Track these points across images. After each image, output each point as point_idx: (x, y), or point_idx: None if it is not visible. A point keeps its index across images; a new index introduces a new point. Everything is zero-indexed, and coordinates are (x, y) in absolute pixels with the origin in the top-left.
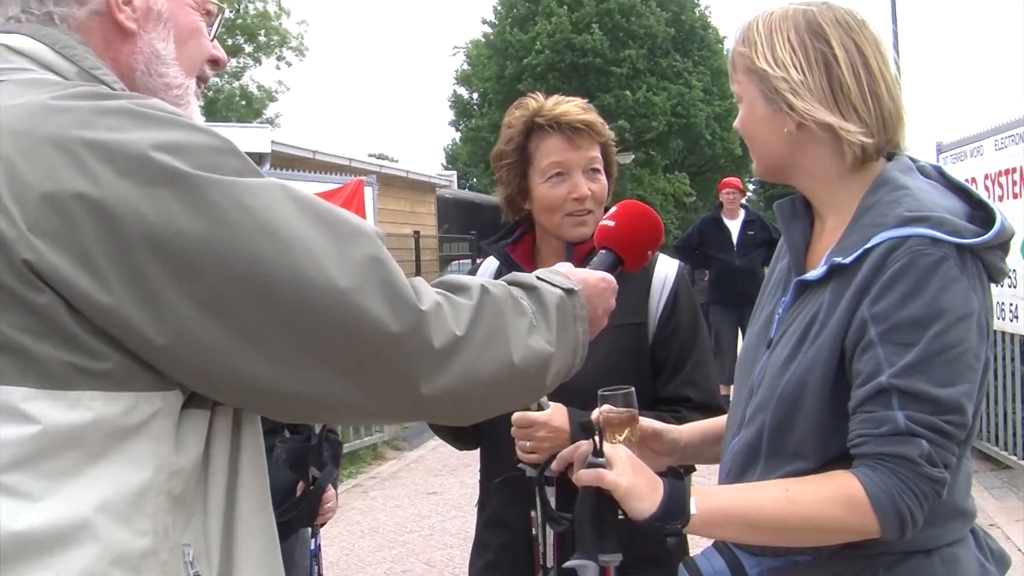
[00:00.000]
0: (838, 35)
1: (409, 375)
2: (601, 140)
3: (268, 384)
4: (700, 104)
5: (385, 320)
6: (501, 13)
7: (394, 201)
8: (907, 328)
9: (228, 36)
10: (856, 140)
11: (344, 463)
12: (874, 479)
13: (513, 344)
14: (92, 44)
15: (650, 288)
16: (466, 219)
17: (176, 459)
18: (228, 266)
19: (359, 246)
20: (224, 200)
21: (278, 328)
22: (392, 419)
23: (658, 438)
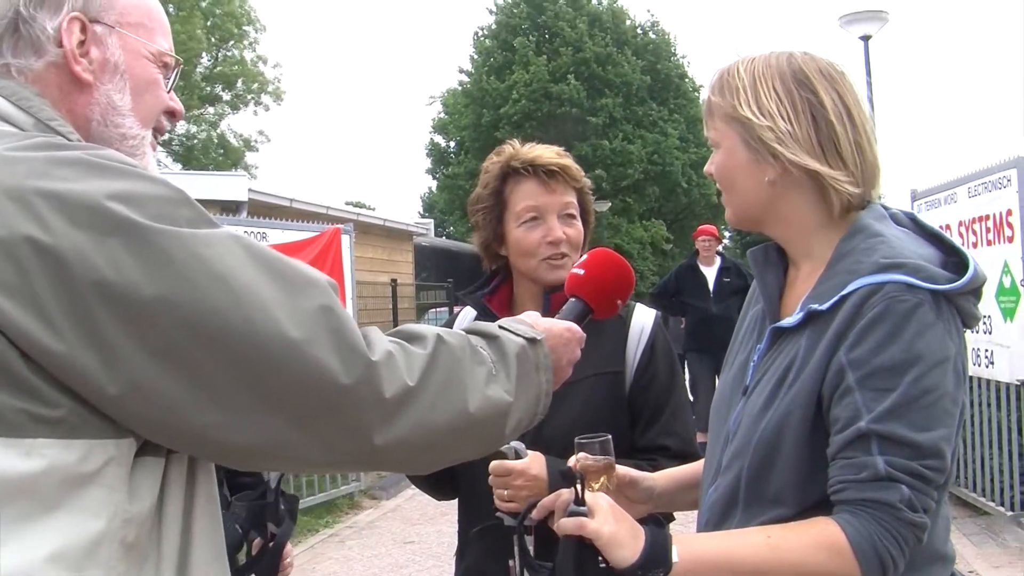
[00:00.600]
0: (824, 85)
1: (361, 426)
2: (577, 186)
3: (220, 434)
4: (676, 152)
5: (335, 371)
6: (478, 62)
7: (371, 249)
8: (885, 374)
9: (207, 84)
10: (844, 189)
11: (320, 512)
12: (855, 525)
13: (469, 393)
14: (48, 95)
15: (627, 337)
16: (443, 267)
17: (130, 507)
18: (180, 316)
19: (310, 296)
20: (177, 251)
21: (231, 378)
22: (346, 468)
23: (634, 486)
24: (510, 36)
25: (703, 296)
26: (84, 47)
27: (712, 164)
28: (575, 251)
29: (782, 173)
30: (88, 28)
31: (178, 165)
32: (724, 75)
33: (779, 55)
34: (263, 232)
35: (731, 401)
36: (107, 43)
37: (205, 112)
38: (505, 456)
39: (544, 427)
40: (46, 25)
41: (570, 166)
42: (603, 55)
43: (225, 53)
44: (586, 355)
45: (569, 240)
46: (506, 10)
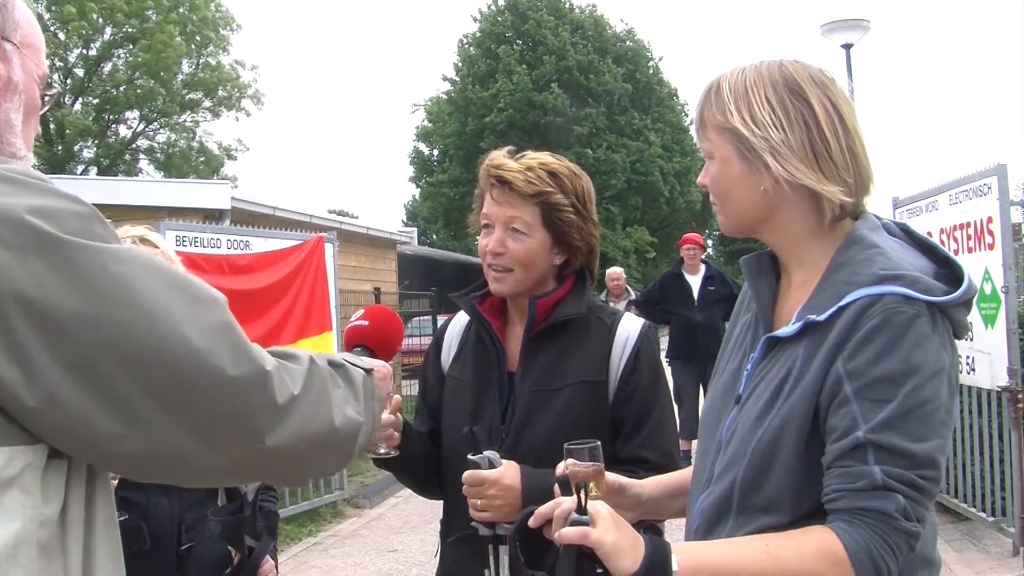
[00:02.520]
0: (816, 93)
1: (256, 429)
2: (537, 200)
3: (122, 445)
4: (659, 161)
5: (236, 377)
6: (462, 70)
7: (354, 257)
8: (883, 384)
9: (188, 91)
10: (836, 199)
11: (303, 521)
12: (852, 534)
13: (335, 409)
14: None
15: (612, 347)
16: (427, 275)
17: (44, 509)
18: (95, 331)
19: (213, 312)
20: (94, 267)
21: (138, 390)
22: (233, 477)
23: (622, 492)
24: (494, 44)
25: (687, 304)
26: None
27: (706, 175)
28: (520, 267)
29: (777, 183)
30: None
31: (159, 173)
32: (715, 85)
33: (770, 64)
34: (246, 240)
35: (723, 409)
36: (12, 61)
37: (185, 119)
38: (478, 466)
39: (523, 435)
40: None
41: (515, 180)
42: (585, 63)
43: (205, 59)
44: (569, 363)
45: (510, 254)
46: (490, 18)
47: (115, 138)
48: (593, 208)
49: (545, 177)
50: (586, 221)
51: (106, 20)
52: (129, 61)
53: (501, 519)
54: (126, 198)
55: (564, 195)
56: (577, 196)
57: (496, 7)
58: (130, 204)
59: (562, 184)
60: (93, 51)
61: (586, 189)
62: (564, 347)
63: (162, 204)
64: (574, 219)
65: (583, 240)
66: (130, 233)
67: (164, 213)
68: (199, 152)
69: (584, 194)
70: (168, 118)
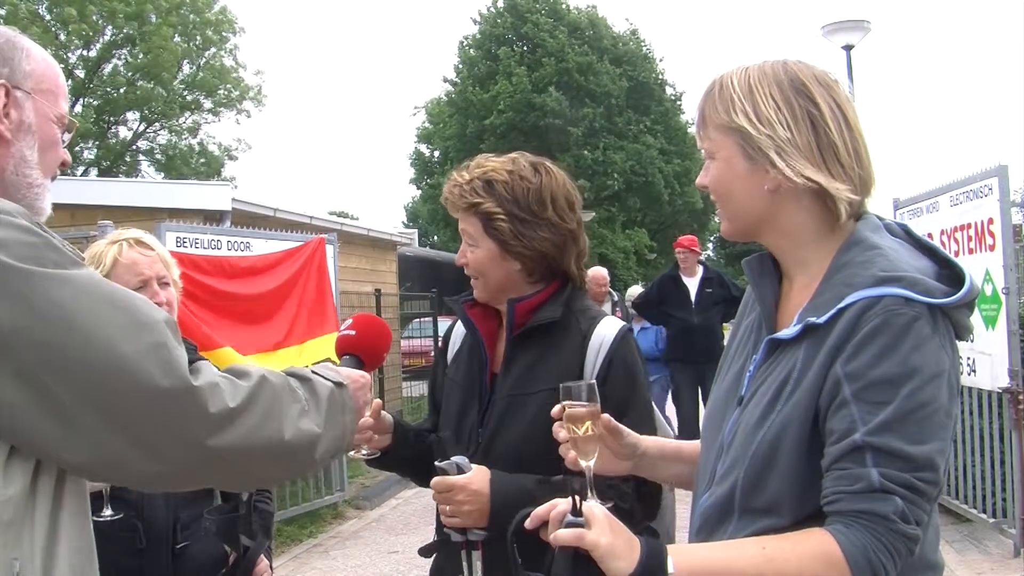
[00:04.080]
0: (821, 92)
1: (189, 434)
2: (474, 211)
3: (64, 449)
4: (658, 162)
5: (167, 389)
6: (463, 72)
7: (355, 259)
8: (881, 386)
9: (188, 91)
10: (845, 197)
11: (304, 522)
12: (849, 536)
13: (285, 423)
14: None
15: (586, 352)
16: (427, 277)
17: (4, 490)
18: (34, 346)
19: (151, 333)
20: (35, 289)
21: (76, 401)
22: (180, 479)
23: (618, 437)
24: (494, 46)
25: (685, 307)
26: (5, 109)
27: (706, 176)
28: (480, 275)
29: (781, 182)
30: (11, 93)
31: (160, 174)
32: (717, 85)
33: (773, 63)
34: (247, 242)
35: (726, 411)
36: (24, 107)
37: (185, 120)
38: (446, 472)
39: (496, 439)
40: None
41: (453, 193)
42: (584, 64)
43: (207, 61)
44: (544, 369)
45: (468, 262)
46: (490, 19)
47: (115, 139)
48: (552, 210)
49: (479, 188)
50: (530, 226)
51: (106, 21)
52: (129, 63)
53: (471, 524)
54: (126, 199)
55: (497, 203)
56: (517, 202)
57: (496, 9)
58: (130, 205)
59: (496, 192)
60: (93, 52)
61: (533, 192)
62: (542, 352)
63: (162, 205)
64: (507, 227)
65: (526, 246)
66: (124, 236)
67: (164, 214)
68: (200, 154)
69: (528, 199)
70: (168, 120)
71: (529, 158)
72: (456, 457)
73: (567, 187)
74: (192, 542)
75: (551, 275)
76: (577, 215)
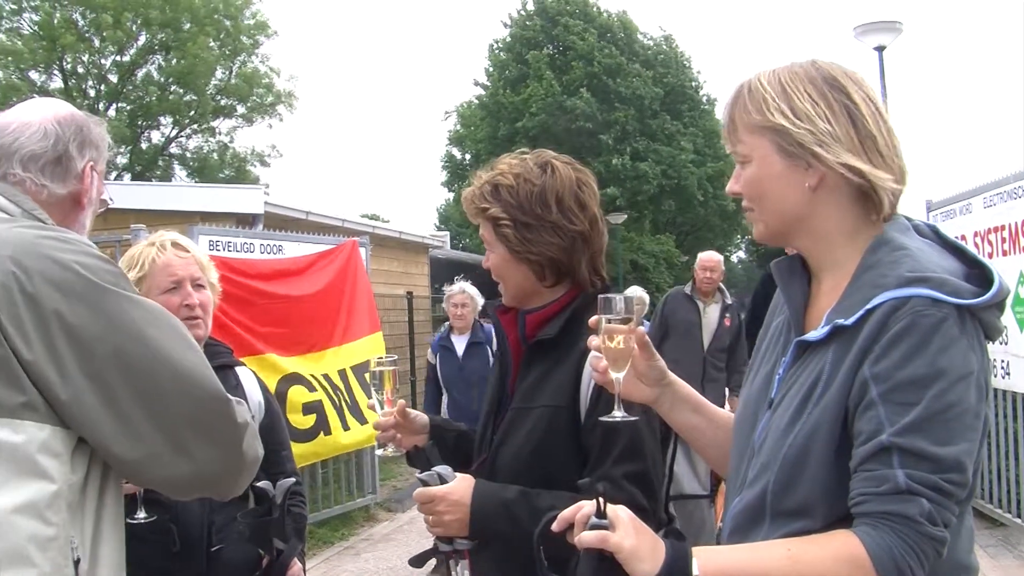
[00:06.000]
0: (853, 87)
1: (225, 437)
2: (482, 216)
3: (117, 441)
4: (691, 166)
5: (210, 396)
6: (493, 75)
7: (387, 262)
8: (908, 388)
9: (222, 96)
10: (890, 187)
11: (336, 524)
12: (875, 538)
13: (256, 443)
14: (57, 211)
15: (581, 371)
16: None
17: (71, 476)
18: (109, 353)
19: (197, 352)
20: (115, 306)
21: (135, 401)
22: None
23: (649, 357)
24: (524, 49)
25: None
26: (89, 184)
27: (737, 181)
28: (500, 280)
29: (823, 178)
30: (94, 171)
31: (192, 179)
32: (745, 87)
33: (801, 63)
34: (279, 245)
35: (756, 413)
36: (95, 183)
37: (218, 126)
38: (427, 483)
39: (500, 451)
40: (77, 165)
41: (465, 200)
42: (613, 67)
43: (240, 66)
44: (545, 385)
45: (490, 267)
46: (520, 23)
47: (148, 144)
48: (558, 211)
49: (487, 193)
50: (534, 230)
51: (141, 27)
52: (163, 68)
53: (454, 534)
54: (160, 203)
55: (503, 208)
56: (521, 207)
57: (526, 11)
58: (164, 209)
59: (502, 197)
60: (127, 57)
61: (536, 195)
62: (547, 367)
63: (195, 209)
64: (511, 232)
65: (532, 251)
66: (162, 238)
67: (197, 218)
68: (232, 158)
69: (532, 202)
70: (201, 124)
71: (540, 158)
72: (439, 467)
73: (575, 186)
74: (226, 545)
75: (569, 278)
76: (589, 214)
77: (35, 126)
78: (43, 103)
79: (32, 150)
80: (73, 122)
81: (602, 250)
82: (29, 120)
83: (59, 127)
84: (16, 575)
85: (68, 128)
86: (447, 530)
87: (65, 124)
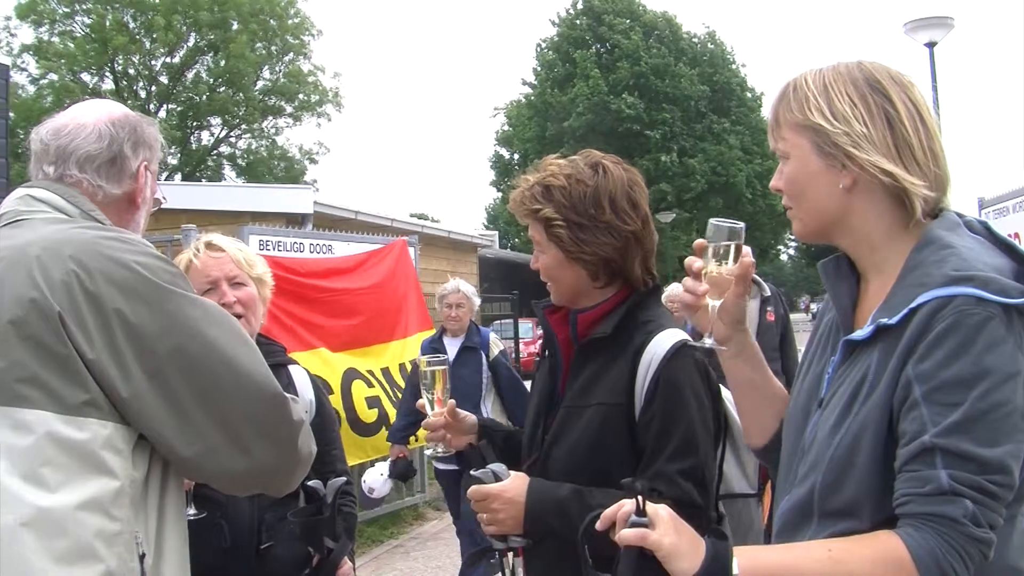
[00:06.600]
0: (897, 90)
1: (281, 433)
2: (533, 217)
3: (177, 438)
4: (739, 164)
5: (268, 393)
6: (541, 74)
7: (436, 261)
8: (952, 388)
9: (269, 96)
10: (921, 193)
11: (385, 523)
12: (918, 539)
13: (311, 440)
14: (113, 211)
15: (636, 369)
16: (508, 279)
17: (134, 472)
18: (170, 349)
19: (255, 351)
20: (174, 305)
21: (195, 397)
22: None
23: (740, 293)
24: (572, 48)
25: None
26: (143, 183)
27: (780, 177)
28: (550, 280)
29: (856, 179)
30: (148, 171)
31: (241, 179)
32: (791, 86)
33: (847, 63)
34: (329, 244)
35: (806, 412)
36: (149, 182)
37: (267, 125)
38: (482, 480)
39: (552, 450)
40: (131, 165)
41: (515, 200)
42: (660, 67)
43: (286, 66)
44: (598, 383)
45: (540, 268)
46: (568, 22)
47: (198, 144)
48: (611, 212)
49: (538, 194)
50: (588, 230)
51: (190, 29)
52: (211, 69)
53: (507, 531)
54: (211, 203)
55: (555, 209)
56: (575, 208)
57: (574, 10)
58: (214, 209)
59: (554, 198)
60: (177, 59)
61: (590, 196)
62: (601, 365)
63: (245, 209)
64: (565, 233)
65: (586, 252)
66: (200, 241)
67: (247, 218)
68: (280, 157)
69: (586, 202)
70: (249, 124)
71: (590, 158)
72: (493, 465)
73: (627, 186)
74: (276, 543)
75: (621, 277)
76: (641, 214)
77: (90, 127)
78: (97, 104)
79: (88, 151)
80: (127, 123)
81: (654, 249)
82: (84, 122)
83: (113, 128)
84: (84, 570)
85: (122, 129)
86: (501, 528)
87: (119, 125)
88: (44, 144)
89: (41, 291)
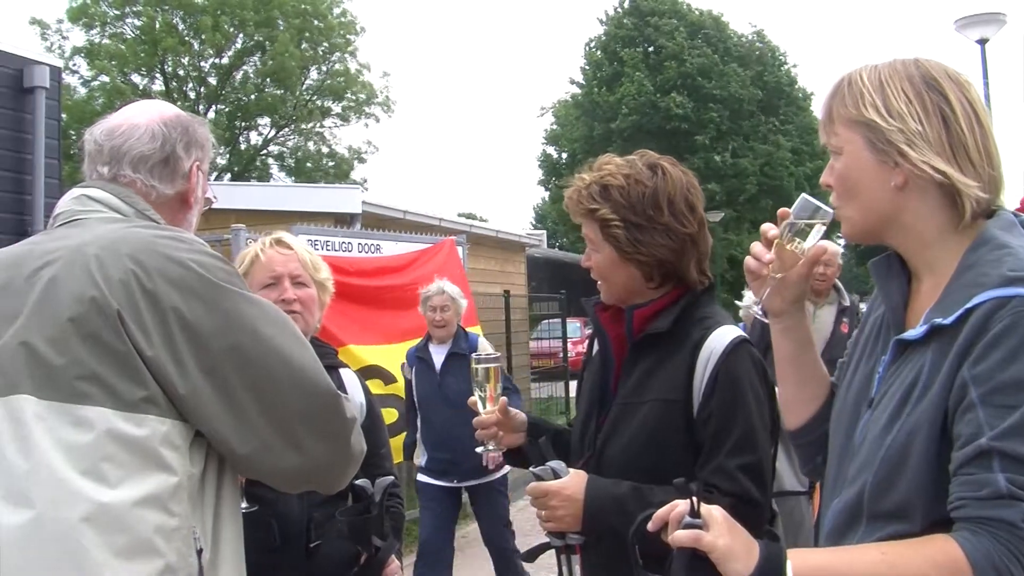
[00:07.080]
0: (953, 89)
1: (335, 431)
2: (590, 217)
3: (233, 435)
4: (789, 165)
5: (323, 391)
6: (588, 73)
7: (484, 260)
8: (1009, 390)
9: (318, 97)
10: (974, 194)
11: None
12: (975, 543)
13: (362, 438)
14: (167, 210)
15: (695, 364)
16: (556, 278)
17: (191, 468)
18: (225, 347)
19: (309, 349)
20: (231, 303)
21: (248, 393)
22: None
23: (807, 271)
24: (619, 47)
25: None
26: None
27: (830, 173)
28: (602, 279)
29: (909, 177)
30: (199, 171)
31: (290, 178)
32: (845, 80)
33: (904, 60)
34: (377, 244)
35: (856, 413)
36: (200, 182)
37: (314, 125)
38: (541, 478)
39: (607, 447)
40: (184, 165)
41: (571, 200)
42: (706, 66)
43: (332, 65)
44: (655, 379)
45: (592, 266)
46: (615, 20)
47: (246, 144)
48: (669, 214)
49: (596, 193)
50: (646, 231)
51: (238, 29)
52: (259, 69)
53: (566, 528)
54: (259, 203)
55: (613, 209)
56: (633, 208)
57: (622, 9)
58: (263, 209)
59: (612, 198)
60: (225, 60)
61: (649, 197)
62: (656, 361)
63: (294, 208)
64: (623, 234)
65: (643, 253)
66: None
67: (296, 217)
68: (328, 157)
69: (644, 203)
70: (297, 124)
71: (648, 159)
72: (552, 462)
73: (685, 189)
74: (325, 541)
75: (675, 278)
76: (698, 216)
77: (143, 128)
78: (148, 105)
79: (141, 151)
80: (179, 123)
81: (708, 251)
82: (137, 122)
83: (166, 128)
84: (144, 565)
85: (174, 129)
86: (559, 525)
87: (171, 125)
88: (98, 144)
89: (100, 289)
